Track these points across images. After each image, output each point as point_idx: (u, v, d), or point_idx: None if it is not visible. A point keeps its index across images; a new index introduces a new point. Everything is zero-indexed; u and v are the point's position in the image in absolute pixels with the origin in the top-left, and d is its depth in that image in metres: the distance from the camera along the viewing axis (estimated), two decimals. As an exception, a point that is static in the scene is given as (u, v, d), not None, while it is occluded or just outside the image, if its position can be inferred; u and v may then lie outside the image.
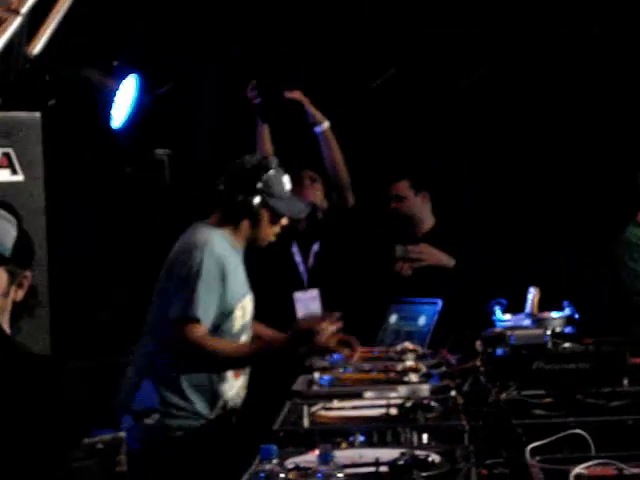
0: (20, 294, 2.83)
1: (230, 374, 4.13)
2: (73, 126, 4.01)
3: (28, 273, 2.84)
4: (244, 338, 4.21)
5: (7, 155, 3.47)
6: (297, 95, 5.33)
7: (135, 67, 3.91)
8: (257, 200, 4.12)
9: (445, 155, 6.24)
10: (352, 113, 5.99)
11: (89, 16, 4.07)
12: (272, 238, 4.27)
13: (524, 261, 5.68)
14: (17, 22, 3.67)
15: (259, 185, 4.12)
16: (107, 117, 3.91)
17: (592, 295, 5.22)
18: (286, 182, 4.23)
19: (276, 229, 4.25)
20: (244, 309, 4.20)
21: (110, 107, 3.89)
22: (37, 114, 3.52)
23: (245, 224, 4.17)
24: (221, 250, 4.08)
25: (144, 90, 4.02)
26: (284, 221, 4.27)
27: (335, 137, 5.36)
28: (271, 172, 4.16)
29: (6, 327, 2.74)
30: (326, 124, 5.33)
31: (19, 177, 3.49)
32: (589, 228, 5.75)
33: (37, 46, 3.83)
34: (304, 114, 5.33)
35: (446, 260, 5.46)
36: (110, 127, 3.92)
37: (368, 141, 6.15)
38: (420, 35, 6.12)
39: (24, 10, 3.69)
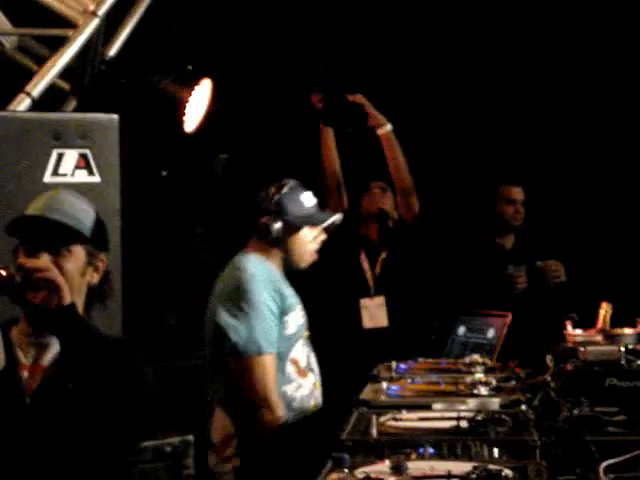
0: (96, 277, 2.85)
1: (294, 374, 4.14)
2: (147, 129, 4.03)
3: (104, 257, 2.85)
4: (301, 339, 4.20)
5: (84, 156, 3.49)
6: (359, 98, 5.30)
7: (209, 72, 3.92)
8: (277, 225, 4.13)
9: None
10: (417, 117, 5.97)
11: (166, 19, 4.09)
12: (309, 257, 4.26)
13: (597, 276, 5.60)
14: (94, 24, 3.70)
15: (274, 208, 4.15)
16: (180, 121, 3.92)
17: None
18: (305, 199, 4.24)
19: (311, 247, 4.24)
20: (295, 316, 4.19)
21: (184, 111, 3.90)
22: (115, 116, 3.53)
23: (275, 249, 4.19)
24: (268, 275, 4.11)
25: (217, 95, 4.03)
26: (320, 237, 4.26)
27: (399, 141, 5.33)
28: (285, 193, 4.17)
29: (80, 310, 2.74)
30: (388, 127, 5.29)
31: (96, 178, 3.51)
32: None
33: (113, 48, 3.85)
34: (366, 117, 5.30)
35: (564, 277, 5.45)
36: (184, 131, 3.94)
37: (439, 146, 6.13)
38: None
39: (101, 12, 3.71)
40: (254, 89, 5.73)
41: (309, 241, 4.24)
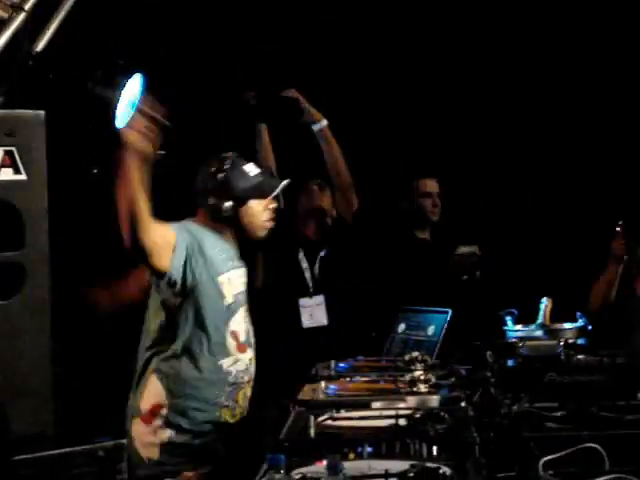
0: None
1: (233, 349, 4.07)
2: (76, 125, 3.95)
3: None
4: (241, 310, 4.14)
5: (10, 153, 3.39)
6: (292, 93, 5.21)
7: (140, 66, 3.84)
8: (226, 204, 4.10)
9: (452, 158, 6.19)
10: (350, 112, 5.94)
11: (95, 13, 4.02)
12: (264, 227, 4.20)
13: (536, 270, 5.60)
14: (20, 18, 3.59)
15: (220, 187, 4.10)
16: (111, 117, 3.84)
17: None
18: (249, 170, 4.18)
19: (264, 216, 4.19)
20: (230, 281, 4.12)
21: (114, 107, 3.81)
22: (41, 112, 3.44)
23: (228, 227, 4.16)
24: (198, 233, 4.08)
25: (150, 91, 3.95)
26: (271, 205, 4.20)
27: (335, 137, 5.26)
28: (228, 169, 4.13)
29: None
30: (324, 122, 5.19)
31: (22, 176, 3.41)
32: (604, 237, 5.68)
33: (41, 43, 3.76)
34: (301, 113, 5.21)
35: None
36: (114, 127, 3.85)
37: (369, 142, 6.11)
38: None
39: (28, 6, 3.61)
40: (188, 86, 5.67)
41: (260, 211, 4.18)
